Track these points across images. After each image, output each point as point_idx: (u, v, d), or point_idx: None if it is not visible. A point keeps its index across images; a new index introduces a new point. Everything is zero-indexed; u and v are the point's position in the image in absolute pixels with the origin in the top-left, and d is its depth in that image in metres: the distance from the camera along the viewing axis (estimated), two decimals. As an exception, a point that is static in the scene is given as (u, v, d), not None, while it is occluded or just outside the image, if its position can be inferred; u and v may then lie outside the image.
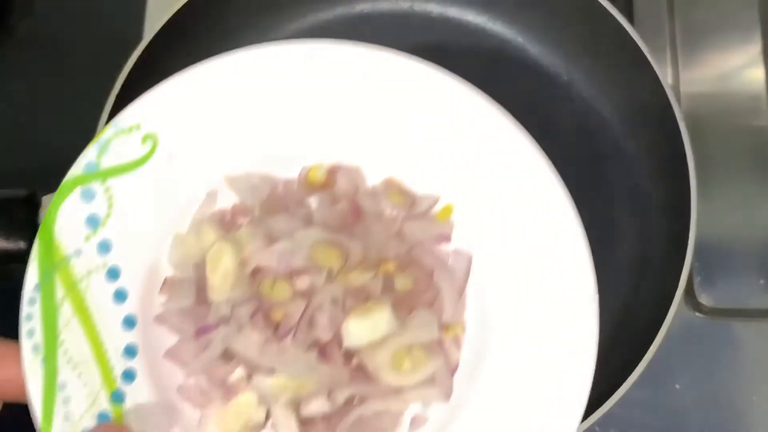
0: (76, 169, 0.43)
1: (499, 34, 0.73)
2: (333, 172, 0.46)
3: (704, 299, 0.69)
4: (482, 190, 0.44)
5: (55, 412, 0.40)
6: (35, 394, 0.40)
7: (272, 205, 0.45)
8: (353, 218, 0.45)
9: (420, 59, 0.45)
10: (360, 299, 0.42)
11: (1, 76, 0.80)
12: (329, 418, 0.42)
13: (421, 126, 0.44)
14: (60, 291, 0.42)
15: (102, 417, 0.40)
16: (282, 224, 0.44)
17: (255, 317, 0.42)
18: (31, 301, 0.42)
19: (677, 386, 0.66)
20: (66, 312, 0.42)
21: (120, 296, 0.43)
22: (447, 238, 0.45)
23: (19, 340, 0.42)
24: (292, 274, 0.43)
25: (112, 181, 0.43)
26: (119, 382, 0.41)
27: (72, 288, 0.42)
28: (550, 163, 0.43)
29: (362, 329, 0.41)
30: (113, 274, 0.43)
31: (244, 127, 0.44)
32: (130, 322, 0.43)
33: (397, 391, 0.41)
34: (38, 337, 0.42)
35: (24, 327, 0.42)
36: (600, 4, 0.65)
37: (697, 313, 0.68)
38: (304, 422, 0.42)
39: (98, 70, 0.61)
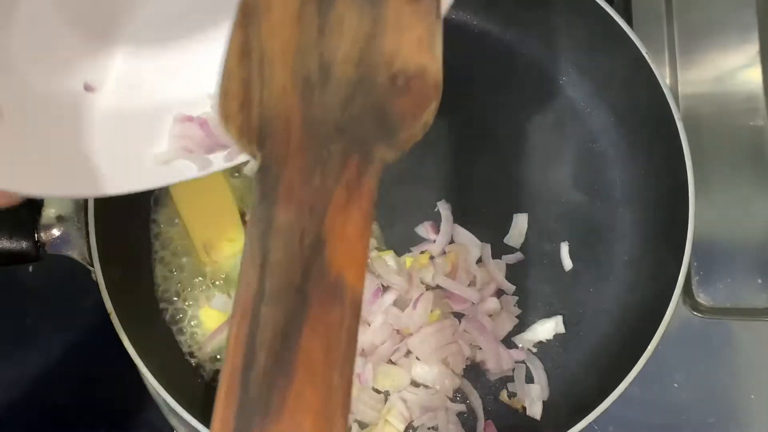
0: None
1: (498, 34, 0.73)
2: None
3: (702, 298, 0.69)
4: None
5: None
6: None
7: None
8: None
9: None
10: None
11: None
12: None
13: None
14: None
15: None
16: None
17: None
18: None
19: (675, 384, 0.67)
20: None
21: None
22: None
23: None
24: None
25: None
26: None
27: None
28: None
29: None
30: None
31: None
32: None
33: None
34: None
35: None
36: (599, 5, 0.65)
37: (695, 312, 0.68)
38: None
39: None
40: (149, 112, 0.45)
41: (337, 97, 0.34)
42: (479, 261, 0.66)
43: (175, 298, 0.64)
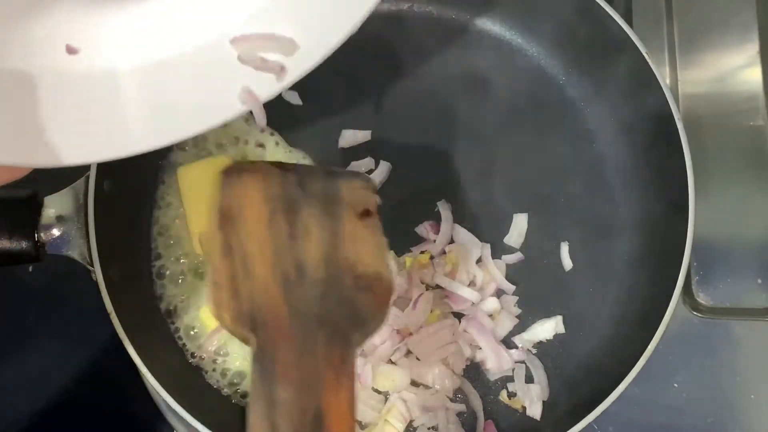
0: None
1: (498, 35, 0.73)
2: None
3: (702, 298, 0.69)
4: None
5: None
6: None
7: None
8: None
9: None
10: None
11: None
12: None
13: None
14: None
15: None
16: None
17: None
18: None
19: (675, 384, 0.67)
20: None
21: None
22: None
23: None
24: None
25: None
26: None
27: None
28: None
29: None
30: None
31: None
32: None
33: None
34: None
35: None
36: (599, 5, 0.65)
37: (695, 312, 0.68)
38: None
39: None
40: (190, 56, 0.43)
41: (314, 292, 0.40)
42: (479, 261, 0.66)
43: (175, 298, 0.64)
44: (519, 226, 0.67)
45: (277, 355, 0.38)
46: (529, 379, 0.63)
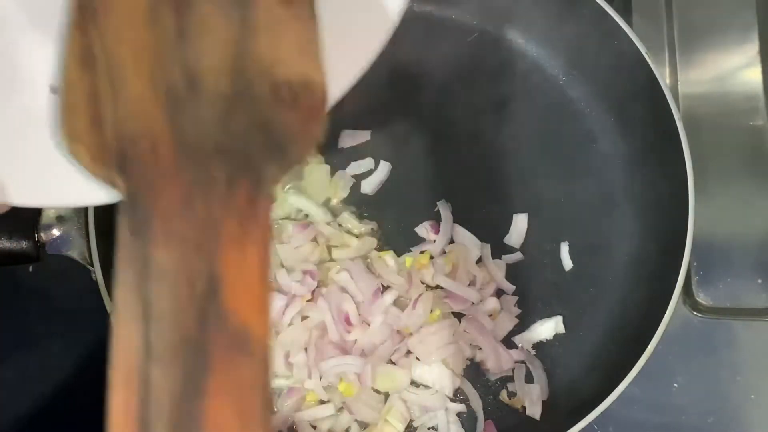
0: None
1: (498, 35, 0.73)
2: None
3: (702, 298, 0.69)
4: None
5: None
6: None
7: None
8: None
9: None
10: None
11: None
12: None
13: None
14: None
15: None
16: None
17: None
18: None
19: (675, 384, 0.67)
20: None
21: None
22: None
23: None
24: None
25: None
26: None
27: None
28: None
29: None
30: None
31: None
32: None
33: None
34: None
35: None
36: (599, 5, 0.65)
37: (695, 312, 0.68)
38: None
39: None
40: None
41: (212, 111, 0.29)
42: (479, 261, 0.66)
43: (175, 298, 0.64)
44: (519, 226, 0.67)
45: (156, 203, 0.27)
46: (529, 379, 0.63)
